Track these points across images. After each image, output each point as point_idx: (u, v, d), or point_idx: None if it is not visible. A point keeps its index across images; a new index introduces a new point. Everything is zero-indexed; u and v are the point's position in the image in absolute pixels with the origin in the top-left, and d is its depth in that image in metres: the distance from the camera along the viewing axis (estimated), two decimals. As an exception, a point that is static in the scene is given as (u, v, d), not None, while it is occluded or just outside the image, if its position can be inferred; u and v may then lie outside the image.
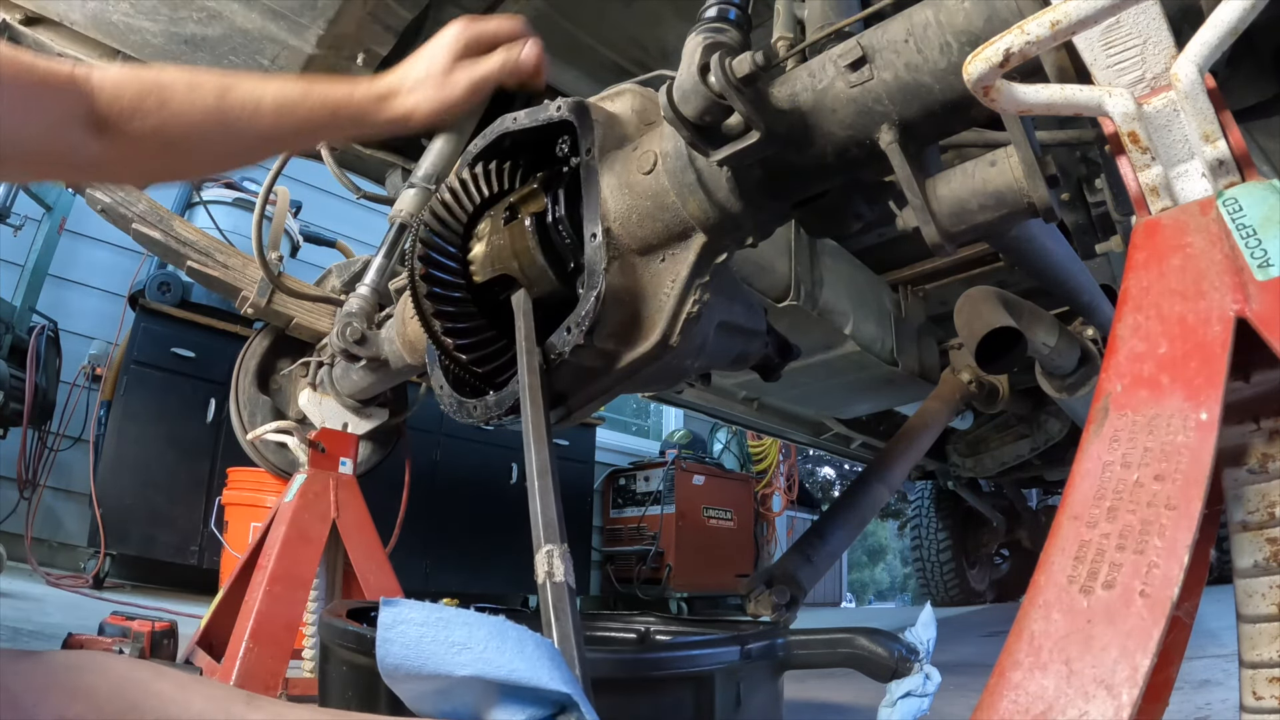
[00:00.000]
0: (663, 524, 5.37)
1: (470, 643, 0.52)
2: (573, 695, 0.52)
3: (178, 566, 3.54)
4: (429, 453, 4.26)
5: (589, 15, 1.46)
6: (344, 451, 1.77)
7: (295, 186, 4.09)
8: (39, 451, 3.58)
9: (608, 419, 6.23)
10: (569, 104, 0.89)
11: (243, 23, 1.35)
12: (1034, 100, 0.57)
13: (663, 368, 0.89)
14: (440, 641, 0.52)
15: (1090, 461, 0.51)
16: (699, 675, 0.85)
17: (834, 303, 1.93)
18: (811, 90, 0.75)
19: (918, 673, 0.88)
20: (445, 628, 0.53)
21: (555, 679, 0.52)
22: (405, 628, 0.53)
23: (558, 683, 0.52)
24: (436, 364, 1.00)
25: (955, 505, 4.67)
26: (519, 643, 0.53)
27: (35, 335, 3.28)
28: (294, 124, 0.79)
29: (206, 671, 1.55)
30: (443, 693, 0.54)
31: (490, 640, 0.53)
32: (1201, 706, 1.46)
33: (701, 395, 2.52)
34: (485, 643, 0.52)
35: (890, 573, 16.53)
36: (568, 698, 0.52)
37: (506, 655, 0.52)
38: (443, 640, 0.52)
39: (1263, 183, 0.51)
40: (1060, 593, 0.49)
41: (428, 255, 0.94)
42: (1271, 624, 0.49)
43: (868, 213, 0.90)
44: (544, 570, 0.66)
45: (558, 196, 0.89)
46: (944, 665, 0.92)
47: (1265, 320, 0.47)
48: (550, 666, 0.53)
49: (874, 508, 1.86)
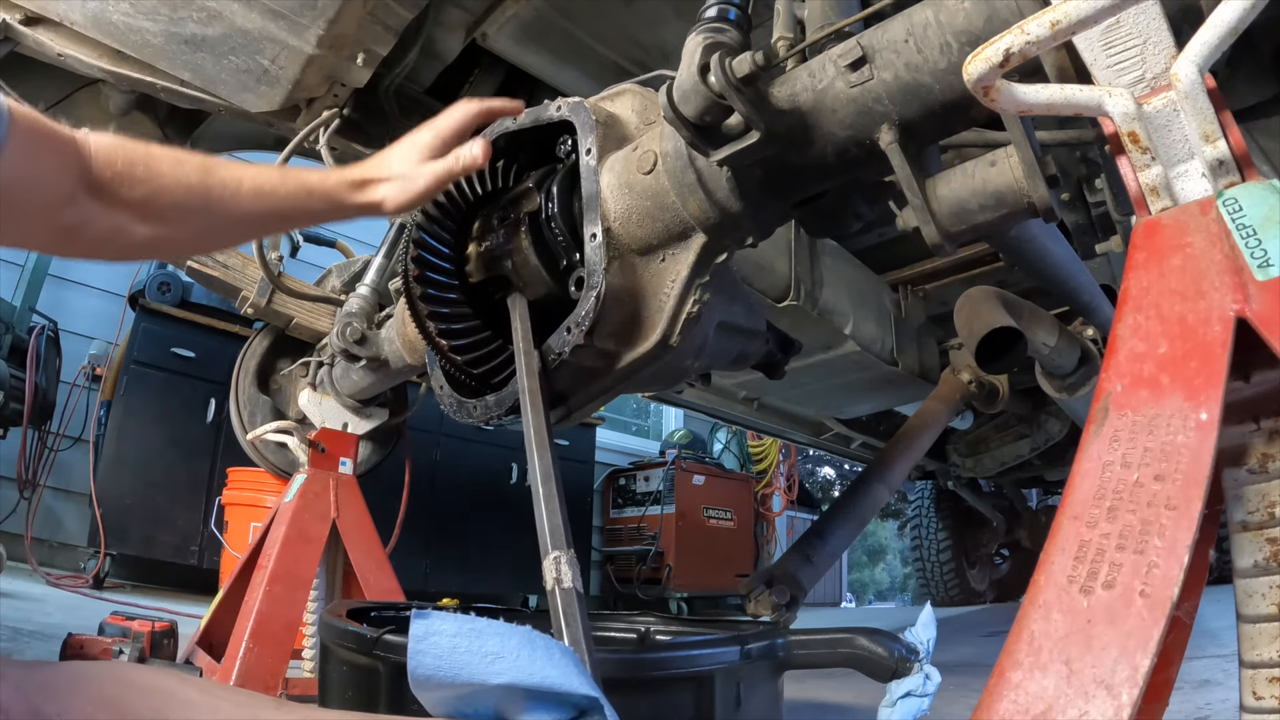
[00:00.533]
0: (663, 524, 5.36)
1: (504, 652, 0.54)
2: (600, 699, 0.55)
3: (178, 566, 3.54)
4: (429, 453, 4.26)
5: (589, 15, 1.46)
6: (344, 451, 1.77)
7: (295, 186, 4.08)
8: (39, 451, 3.57)
9: (608, 419, 6.23)
10: (569, 104, 0.89)
11: (243, 23, 1.35)
12: (1034, 100, 0.57)
13: (663, 368, 0.89)
14: (474, 652, 0.54)
15: (1090, 461, 0.51)
16: (699, 675, 0.85)
17: (834, 303, 1.93)
18: (811, 90, 0.75)
19: (918, 673, 0.88)
20: (478, 638, 0.55)
21: (585, 684, 0.55)
22: (438, 639, 0.54)
23: (587, 687, 0.55)
24: (436, 364, 1.00)
25: (955, 505, 4.67)
26: (548, 651, 0.56)
27: (35, 335, 3.27)
28: (271, 206, 0.82)
29: (206, 671, 1.55)
30: (467, 698, 0.56)
31: (522, 649, 0.55)
32: (1201, 706, 1.45)
33: (701, 395, 2.52)
34: (518, 652, 0.54)
35: (890, 573, 16.53)
36: (595, 702, 0.55)
37: (539, 663, 0.54)
38: (476, 650, 0.54)
39: (1263, 183, 0.51)
40: (1060, 593, 0.49)
41: (421, 256, 0.94)
42: (1271, 624, 0.49)
43: (868, 213, 0.90)
44: (552, 577, 0.67)
45: (551, 195, 0.89)
46: (944, 665, 0.92)
47: (1265, 320, 0.47)
48: (578, 673, 0.55)
49: (874, 508, 1.86)
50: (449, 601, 1.29)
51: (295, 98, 1.51)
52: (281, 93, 1.48)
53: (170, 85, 1.61)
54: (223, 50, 1.42)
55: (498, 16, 1.44)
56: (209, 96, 1.59)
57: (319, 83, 1.48)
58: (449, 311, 0.93)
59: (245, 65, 1.44)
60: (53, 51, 1.62)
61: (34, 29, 1.62)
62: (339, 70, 1.44)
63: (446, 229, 0.96)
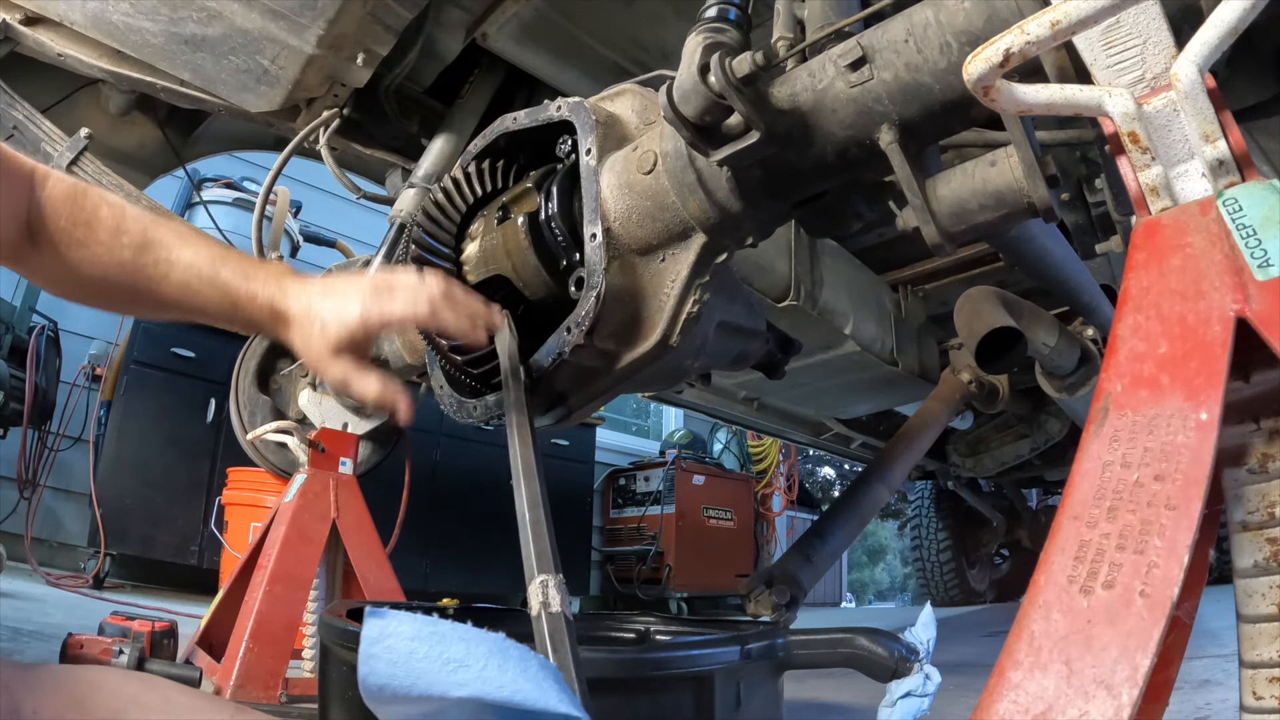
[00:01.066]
0: (663, 524, 5.36)
1: (469, 660, 0.47)
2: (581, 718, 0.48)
3: (178, 566, 3.54)
4: (429, 453, 4.26)
5: (589, 15, 1.46)
6: (344, 451, 1.77)
7: (295, 186, 4.08)
8: (39, 451, 3.57)
9: (608, 419, 6.23)
10: (569, 104, 0.89)
11: (243, 23, 1.35)
12: (1034, 100, 0.57)
13: (663, 368, 0.89)
14: (434, 659, 0.47)
15: (1090, 461, 0.51)
16: (699, 675, 0.85)
17: (834, 303, 1.93)
18: (811, 90, 0.75)
19: (918, 673, 0.88)
20: (440, 643, 0.47)
21: (563, 702, 0.48)
22: (393, 642, 0.47)
23: (566, 706, 0.48)
24: (436, 364, 1.00)
25: (955, 505, 4.67)
26: (523, 662, 0.48)
27: (35, 335, 3.27)
28: (193, 304, 0.79)
29: (206, 671, 1.55)
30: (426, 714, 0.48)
31: (491, 658, 0.48)
32: (1201, 706, 1.45)
33: (701, 395, 2.52)
34: (486, 660, 0.48)
35: (890, 573, 16.53)
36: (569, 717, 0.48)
37: (510, 675, 0.47)
38: (437, 657, 0.47)
39: (1263, 183, 0.51)
40: (1060, 593, 0.49)
41: (421, 256, 0.94)
42: (1271, 624, 0.49)
43: (868, 213, 0.90)
44: (538, 601, 0.64)
45: (551, 195, 0.89)
46: (944, 665, 0.92)
47: (1265, 320, 0.47)
48: (557, 689, 0.48)
49: (874, 508, 1.86)
50: (449, 601, 1.29)
51: (295, 98, 1.52)
52: (281, 93, 1.48)
53: (170, 85, 1.61)
54: (223, 50, 1.42)
55: (498, 16, 1.44)
56: (209, 96, 1.59)
57: (319, 83, 1.48)
58: (449, 311, 0.92)
59: (245, 65, 1.44)
60: (53, 51, 1.62)
61: (34, 29, 1.62)
62: (339, 70, 1.44)
63: (446, 229, 0.96)
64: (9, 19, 1.61)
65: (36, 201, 0.73)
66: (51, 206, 0.74)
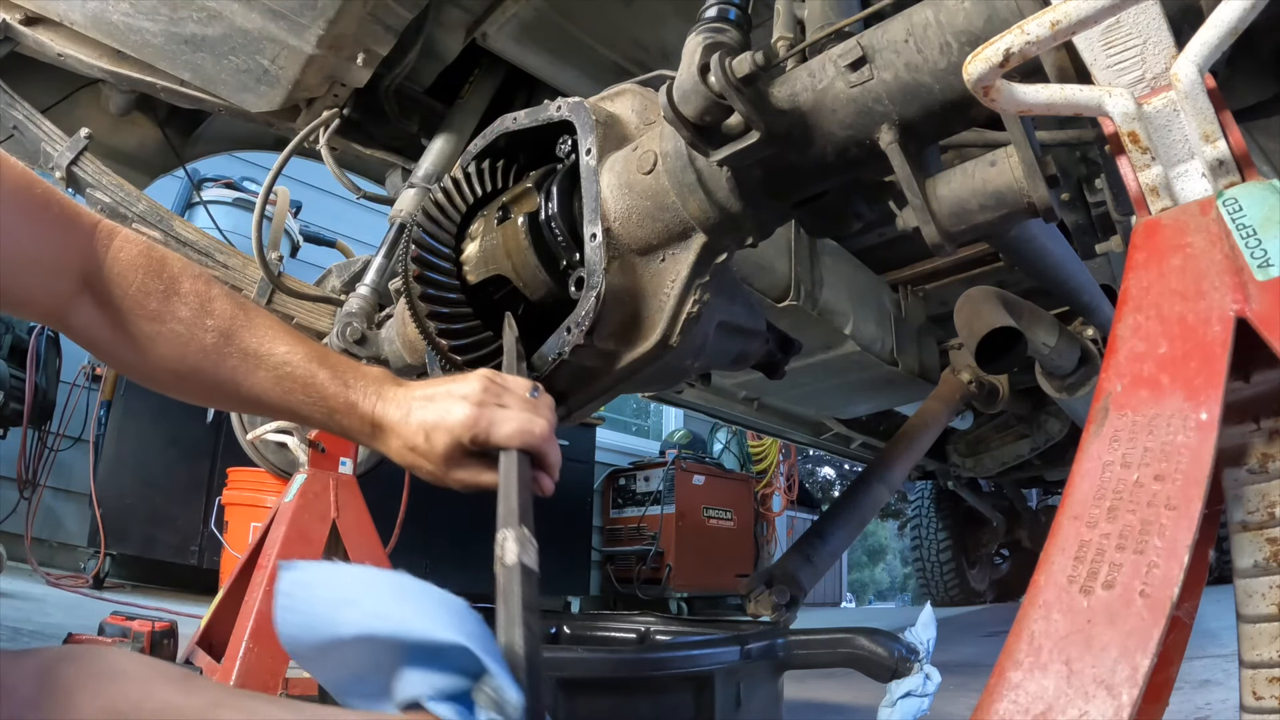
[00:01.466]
0: (663, 524, 5.36)
1: (358, 598, 0.46)
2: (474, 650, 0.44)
3: (178, 566, 3.54)
4: (429, 453, 4.26)
5: (589, 15, 1.46)
6: (344, 451, 1.77)
7: (295, 186, 4.08)
8: (39, 451, 3.57)
9: (608, 419, 6.23)
10: (569, 104, 0.89)
11: (243, 23, 1.35)
12: (1034, 100, 0.57)
13: (663, 368, 0.89)
14: (327, 600, 0.46)
15: (1090, 461, 0.51)
16: (699, 675, 0.85)
17: (834, 303, 1.92)
18: (811, 90, 0.75)
19: (918, 673, 0.88)
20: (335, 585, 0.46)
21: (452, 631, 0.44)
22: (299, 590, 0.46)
23: (454, 634, 0.44)
24: (436, 364, 1.00)
25: (955, 505, 4.67)
26: (418, 598, 0.46)
27: (35, 335, 3.27)
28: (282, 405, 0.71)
29: (206, 671, 1.55)
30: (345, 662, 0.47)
31: (384, 595, 0.46)
32: (1201, 706, 1.45)
33: (701, 395, 2.52)
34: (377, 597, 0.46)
35: (890, 573, 16.53)
36: (466, 652, 0.45)
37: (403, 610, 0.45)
38: (330, 599, 0.46)
39: (1263, 183, 0.51)
40: (1060, 593, 0.49)
41: (421, 256, 0.94)
42: (1271, 624, 0.49)
43: (868, 213, 0.90)
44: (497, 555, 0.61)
45: (551, 195, 0.89)
46: (944, 665, 0.93)
47: (1265, 320, 0.47)
48: (451, 620, 0.45)
49: (874, 508, 1.86)
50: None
51: (295, 98, 1.51)
52: (281, 93, 1.48)
53: (170, 85, 1.61)
54: (223, 50, 1.42)
55: (498, 16, 1.44)
56: (209, 96, 1.59)
57: (319, 83, 1.48)
58: (449, 311, 0.93)
59: (245, 65, 1.44)
60: (53, 51, 1.62)
61: (34, 29, 1.62)
62: (339, 70, 1.44)
63: (446, 229, 0.96)
64: (9, 19, 1.61)
65: (97, 259, 0.66)
66: (121, 268, 0.66)
